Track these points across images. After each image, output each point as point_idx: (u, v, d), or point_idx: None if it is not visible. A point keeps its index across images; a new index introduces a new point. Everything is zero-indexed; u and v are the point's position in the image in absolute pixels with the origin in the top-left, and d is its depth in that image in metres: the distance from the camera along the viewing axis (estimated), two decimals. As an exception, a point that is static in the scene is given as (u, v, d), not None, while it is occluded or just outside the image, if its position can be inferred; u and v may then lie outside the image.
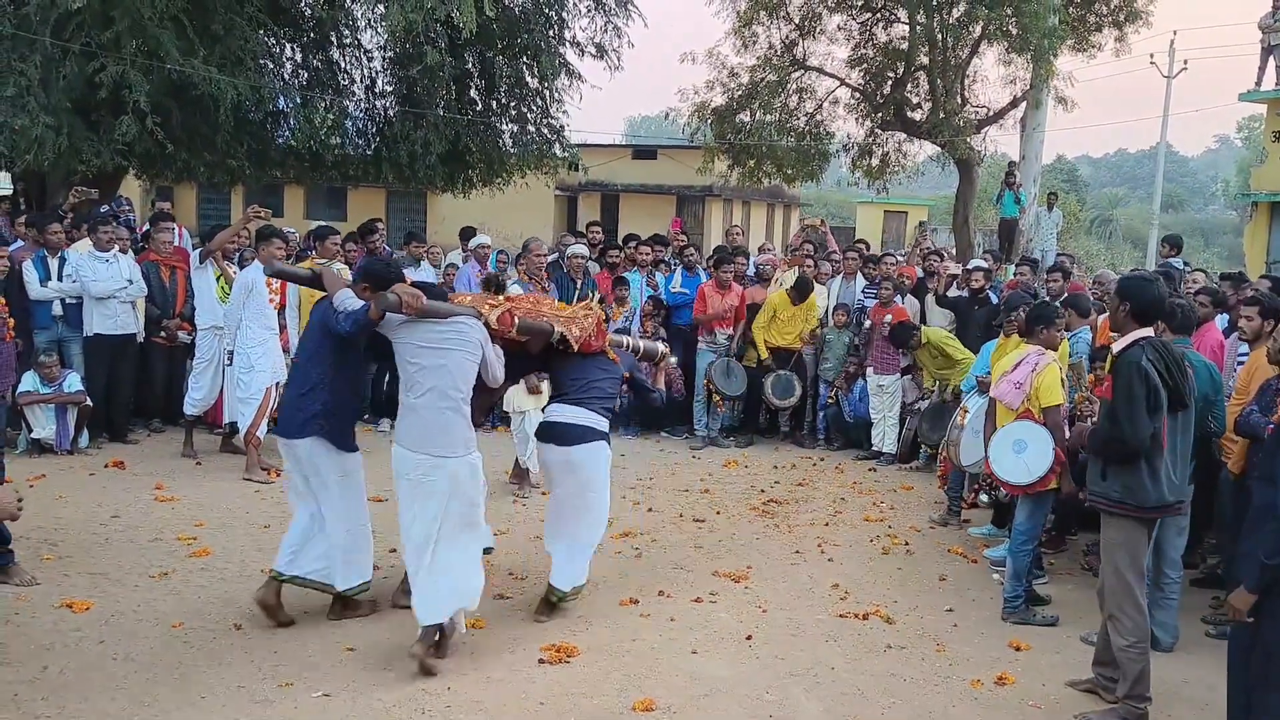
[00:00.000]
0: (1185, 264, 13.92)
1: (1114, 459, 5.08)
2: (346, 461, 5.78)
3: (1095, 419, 5.54)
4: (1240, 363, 6.91)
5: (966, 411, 7.82)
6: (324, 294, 5.74)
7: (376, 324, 5.36)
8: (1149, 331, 5.14)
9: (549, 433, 6.08)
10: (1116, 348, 5.17)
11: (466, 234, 13.16)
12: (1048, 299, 9.39)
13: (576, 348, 5.98)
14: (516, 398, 8.99)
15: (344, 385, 5.73)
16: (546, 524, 6.33)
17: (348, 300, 5.46)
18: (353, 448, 5.83)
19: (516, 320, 5.71)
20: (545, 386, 8.05)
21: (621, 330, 11.19)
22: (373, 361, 6.48)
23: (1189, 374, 5.27)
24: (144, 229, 11.75)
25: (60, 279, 9.57)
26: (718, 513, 8.57)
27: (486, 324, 5.59)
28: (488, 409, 6.54)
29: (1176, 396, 5.08)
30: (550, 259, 11.38)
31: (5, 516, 4.03)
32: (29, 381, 9.15)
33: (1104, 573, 5.29)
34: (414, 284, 5.51)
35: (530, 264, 9.28)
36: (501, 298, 5.97)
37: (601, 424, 6.09)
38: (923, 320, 10.90)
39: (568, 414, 6.04)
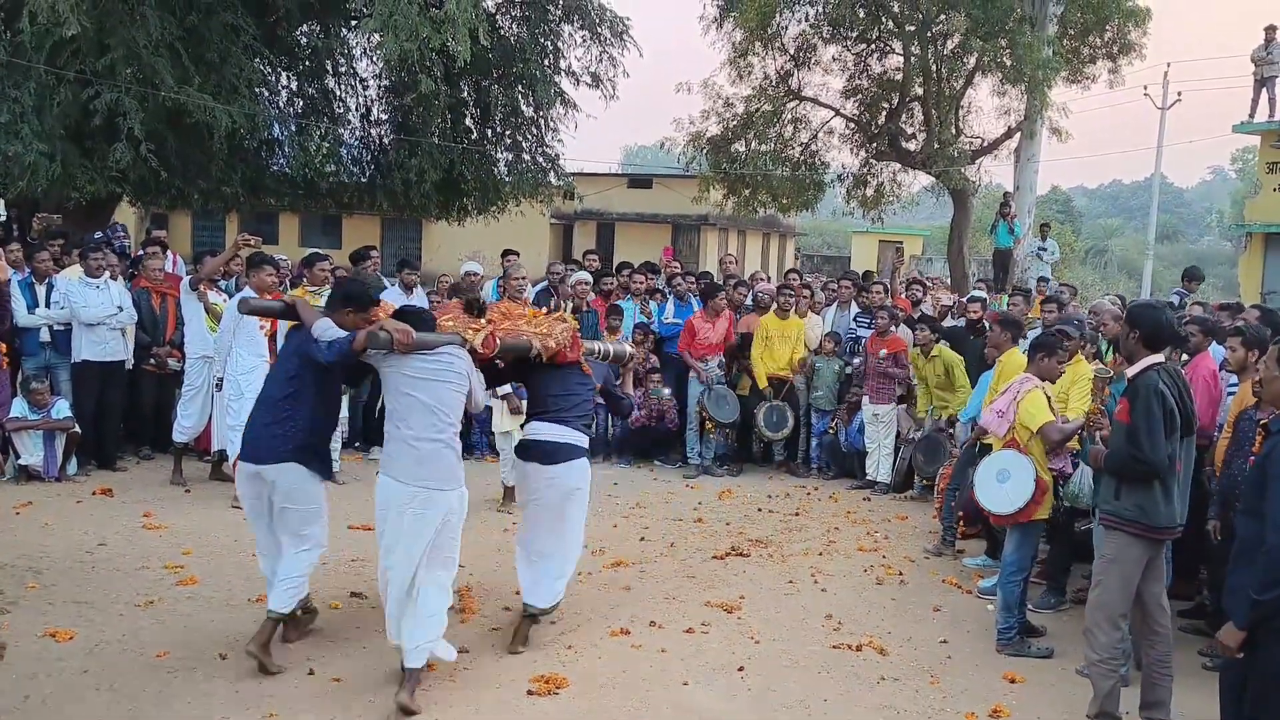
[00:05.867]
0: (1180, 293, 13.92)
1: (1132, 479, 5.14)
2: (320, 489, 5.72)
3: (1103, 433, 5.57)
4: (1231, 393, 6.89)
5: None
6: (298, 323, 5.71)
7: (360, 354, 5.33)
8: (1160, 357, 5.24)
9: (531, 451, 6.08)
10: (1131, 372, 5.27)
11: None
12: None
13: (547, 359, 5.97)
14: (501, 419, 8.99)
15: (322, 413, 5.66)
16: (521, 542, 6.23)
17: (328, 330, 5.39)
18: (329, 475, 5.83)
19: (499, 342, 5.73)
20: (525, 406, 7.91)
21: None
22: (347, 385, 6.56)
23: (1194, 401, 5.37)
24: (136, 254, 11.73)
25: (48, 306, 9.53)
26: (709, 542, 8.50)
27: (471, 349, 5.57)
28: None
29: (1185, 421, 5.17)
30: (539, 287, 11.35)
31: None
32: (17, 407, 9.10)
33: (1092, 587, 5.33)
34: (402, 310, 5.62)
35: (510, 287, 9.33)
36: (484, 320, 5.88)
37: (583, 440, 6.13)
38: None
39: (549, 432, 6.05)
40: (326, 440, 5.83)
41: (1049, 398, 6.51)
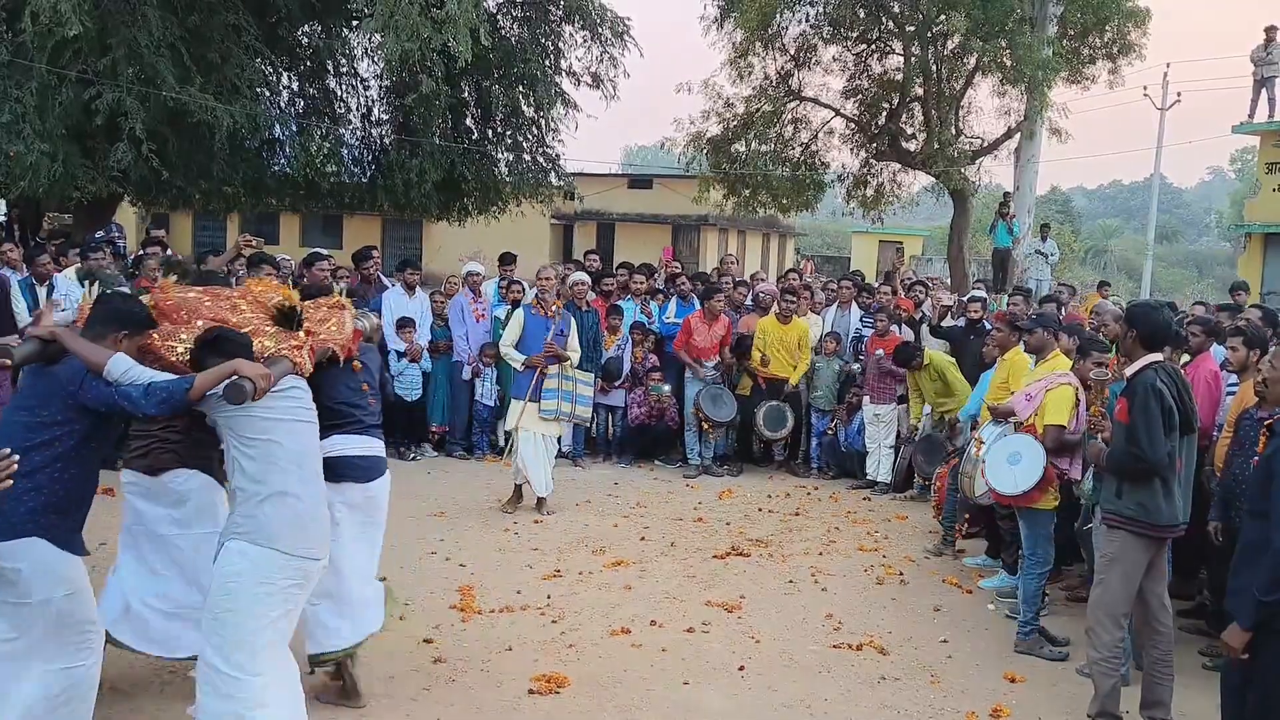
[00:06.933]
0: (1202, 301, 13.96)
1: (1132, 477, 5.14)
2: (72, 570, 4.22)
3: (1105, 434, 5.57)
4: (1231, 393, 6.90)
5: (982, 443, 7.59)
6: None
7: (195, 404, 4.11)
8: (1159, 356, 5.24)
9: (342, 470, 5.01)
10: (1129, 371, 5.28)
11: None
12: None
13: (343, 358, 5.02)
14: (515, 416, 9.02)
15: (82, 471, 4.21)
16: (334, 579, 5.01)
17: (131, 369, 4.07)
18: (81, 552, 4.28)
19: (314, 355, 4.72)
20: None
21: (614, 358, 11.16)
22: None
23: (1195, 400, 5.38)
24: (137, 254, 11.74)
25: (49, 307, 9.51)
26: (709, 541, 8.51)
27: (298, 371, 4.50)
28: None
29: (1185, 420, 5.18)
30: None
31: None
32: (19, 408, 9.07)
33: (1094, 585, 5.33)
34: (218, 336, 4.31)
35: (540, 286, 9.42)
36: (302, 333, 4.74)
37: (383, 450, 5.37)
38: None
39: (357, 445, 5.14)
40: (83, 506, 4.32)
41: (1079, 401, 6.48)
